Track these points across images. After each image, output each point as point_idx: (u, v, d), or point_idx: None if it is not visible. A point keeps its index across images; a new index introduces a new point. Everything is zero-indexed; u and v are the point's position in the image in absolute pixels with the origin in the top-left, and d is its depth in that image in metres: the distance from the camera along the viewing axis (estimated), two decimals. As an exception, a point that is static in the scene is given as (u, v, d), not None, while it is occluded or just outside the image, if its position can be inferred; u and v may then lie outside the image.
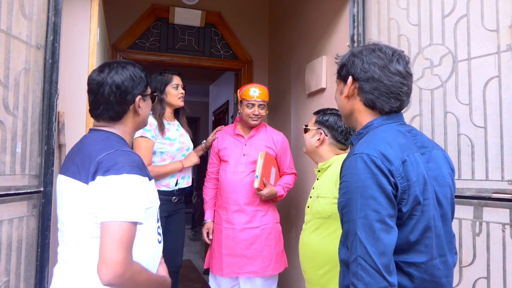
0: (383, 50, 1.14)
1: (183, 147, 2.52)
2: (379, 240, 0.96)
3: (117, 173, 1.11)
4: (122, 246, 1.08)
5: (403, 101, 1.14)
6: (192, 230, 6.79)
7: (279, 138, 2.57)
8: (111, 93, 1.23)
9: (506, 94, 1.50)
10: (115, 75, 1.24)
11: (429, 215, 1.05)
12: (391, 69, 1.11)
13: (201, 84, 6.45)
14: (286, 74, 3.48)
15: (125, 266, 1.07)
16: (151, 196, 1.24)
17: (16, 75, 1.57)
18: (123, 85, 1.24)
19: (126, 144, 1.28)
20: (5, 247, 1.50)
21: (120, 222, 1.09)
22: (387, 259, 0.96)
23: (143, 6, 3.65)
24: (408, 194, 1.02)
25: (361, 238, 0.97)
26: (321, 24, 2.82)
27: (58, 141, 1.94)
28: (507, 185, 1.48)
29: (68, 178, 1.21)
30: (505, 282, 1.46)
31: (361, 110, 1.17)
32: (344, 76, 1.19)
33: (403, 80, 1.12)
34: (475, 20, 1.61)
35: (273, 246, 2.44)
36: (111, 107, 1.25)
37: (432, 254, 1.06)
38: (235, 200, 2.45)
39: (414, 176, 1.04)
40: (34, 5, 1.68)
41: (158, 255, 1.33)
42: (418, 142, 1.14)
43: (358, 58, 1.15)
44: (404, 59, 1.15)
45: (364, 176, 1.00)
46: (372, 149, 1.03)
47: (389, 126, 1.13)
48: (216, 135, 2.65)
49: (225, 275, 2.41)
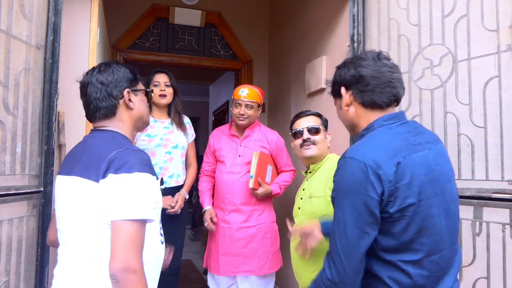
0: (363, 54, 1.22)
1: (166, 144, 2.47)
2: (350, 245, 1.05)
3: (129, 171, 1.13)
4: (134, 245, 1.09)
5: (397, 87, 1.18)
6: (192, 230, 6.79)
7: (274, 137, 2.58)
8: (97, 90, 1.27)
9: (506, 94, 1.50)
10: (98, 74, 1.29)
11: (425, 214, 1.07)
12: (377, 63, 1.17)
13: (201, 84, 6.45)
14: (286, 74, 3.48)
15: (137, 265, 1.08)
16: (157, 196, 1.24)
17: (16, 75, 1.57)
18: (106, 80, 1.28)
19: (131, 143, 1.29)
20: (5, 247, 1.50)
21: (132, 221, 1.10)
22: (356, 261, 1.06)
23: (143, 6, 3.65)
24: (396, 196, 1.05)
25: (336, 237, 1.07)
26: (321, 24, 2.82)
27: (58, 141, 1.94)
28: (507, 185, 1.48)
29: (74, 177, 1.21)
30: (505, 282, 1.46)
31: (362, 114, 1.20)
32: (337, 91, 1.25)
33: (390, 69, 1.17)
34: (475, 20, 1.61)
35: (270, 245, 2.46)
36: (100, 103, 1.27)
37: (428, 251, 1.08)
38: (231, 200, 2.46)
39: (407, 178, 1.06)
40: (34, 5, 1.69)
41: (162, 256, 1.33)
42: (422, 140, 1.15)
43: (343, 69, 1.22)
44: (383, 55, 1.20)
45: (349, 182, 1.07)
46: (361, 154, 1.07)
47: (388, 127, 1.15)
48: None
49: (222, 274, 2.43)
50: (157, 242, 1.30)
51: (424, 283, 1.08)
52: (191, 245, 6.05)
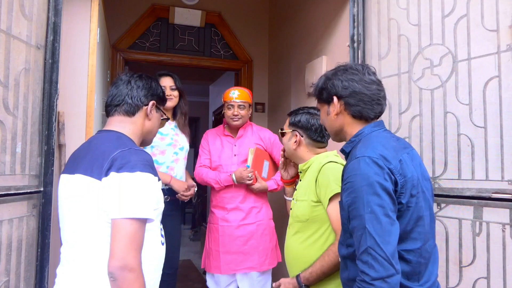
0: (354, 67, 1.30)
1: (175, 144, 2.49)
2: (386, 232, 1.08)
3: (131, 170, 1.14)
4: (133, 244, 1.10)
5: (383, 104, 1.31)
6: (192, 230, 6.80)
7: (266, 134, 2.64)
8: (130, 88, 1.36)
9: (506, 94, 1.50)
10: (138, 79, 1.40)
11: (420, 206, 1.20)
12: (366, 80, 1.27)
13: (201, 84, 6.44)
14: (286, 74, 3.48)
15: (135, 264, 1.09)
16: (158, 197, 1.25)
17: (16, 75, 1.57)
18: (143, 85, 1.38)
19: (136, 144, 1.32)
20: (5, 247, 1.50)
21: (132, 219, 1.11)
22: (394, 249, 1.08)
23: (143, 6, 3.65)
24: (406, 188, 1.17)
25: (370, 230, 1.08)
26: (321, 24, 2.82)
27: (58, 141, 1.94)
28: (507, 185, 1.48)
29: (78, 176, 1.22)
30: (505, 282, 1.46)
31: (350, 123, 1.31)
32: (326, 98, 1.34)
33: (378, 87, 1.29)
34: (475, 20, 1.61)
35: (268, 241, 2.50)
36: (128, 99, 1.35)
37: (424, 239, 1.20)
38: (231, 199, 2.50)
39: (408, 173, 1.19)
40: (34, 5, 1.68)
41: (163, 257, 1.34)
42: (402, 144, 1.29)
43: (336, 79, 1.30)
44: (371, 70, 1.31)
45: (368, 176, 1.12)
46: (372, 152, 1.16)
47: (378, 132, 1.28)
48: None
49: (224, 273, 2.45)
50: (158, 243, 1.30)
51: (420, 270, 1.19)
52: (191, 245, 6.05)
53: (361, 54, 2.06)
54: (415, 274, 1.19)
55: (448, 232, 1.65)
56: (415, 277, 1.19)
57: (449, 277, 1.64)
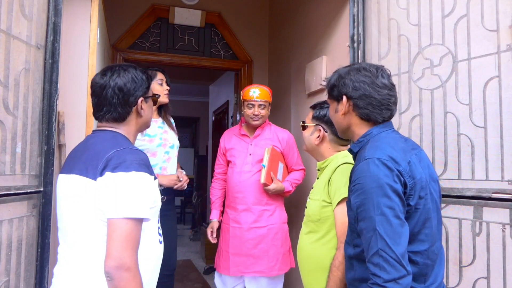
0: (368, 69, 1.28)
1: (165, 144, 2.45)
2: (396, 234, 1.08)
3: (126, 170, 1.14)
4: (129, 243, 1.10)
5: (392, 110, 1.29)
6: (192, 230, 6.80)
7: (284, 136, 2.59)
8: (113, 95, 1.27)
9: (506, 94, 1.50)
10: (117, 78, 1.28)
11: (428, 207, 1.19)
12: (378, 84, 1.25)
13: (201, 84, 6.44)
14: (286, 74, 3.48)
15: (131, 263, 1.09)
16: (155, 195, 1.25)
17: (16, 75, 1.57)
18: (125, 87, 1.28)
19: (132, 143, 1.31)
20: (5, 247, 1.50)
21: (127, 219, 1.11)
22: (404, 250, 1.08)
23: (143, 6, 3.65)
24: (414, 190, 1.16)
25: (381, 232, 1.08)
26: (321, 24, 2.82)
27: (58, 141, 1.94)
28: (507, 185, 1.48)
29: (74, 176, 1.22)
30: (505, 282, 1.46)
31: (358, 123, 1.30)
32: (336, 96, 1.32)
33: (390, 92, 1.27)
34: (475, 20, 1.61)
35: (280, 245, 2.44)
36: (114, 109, 1.28)
37: (431, 241, 1.20)
38: (243, 199, 2.46)
39: (417, 174, 1.17)
40: (34, 5, 1.68)
41: (161, 256, 1.34)
42: (411, 145, 1.28)
43: (347, 79, 1.28)
44: (386, 73, 1.29)
45: (378, 178, 1.12)
46: (381, 153, 1.16)
47: (386, 133, 1.26)
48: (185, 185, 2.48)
49: (232, 274, 2.42)
50: (155, 242, 1.30)
51: (426, 272, 1.19)
52: (191, 245, 6.05)
53: (361, 54, 2.06)
54: (421, 275, 1.18)
55: (448, 232, 1.65)
56: (422, 279, 1.18)
57: (449, 277, 1.64)
